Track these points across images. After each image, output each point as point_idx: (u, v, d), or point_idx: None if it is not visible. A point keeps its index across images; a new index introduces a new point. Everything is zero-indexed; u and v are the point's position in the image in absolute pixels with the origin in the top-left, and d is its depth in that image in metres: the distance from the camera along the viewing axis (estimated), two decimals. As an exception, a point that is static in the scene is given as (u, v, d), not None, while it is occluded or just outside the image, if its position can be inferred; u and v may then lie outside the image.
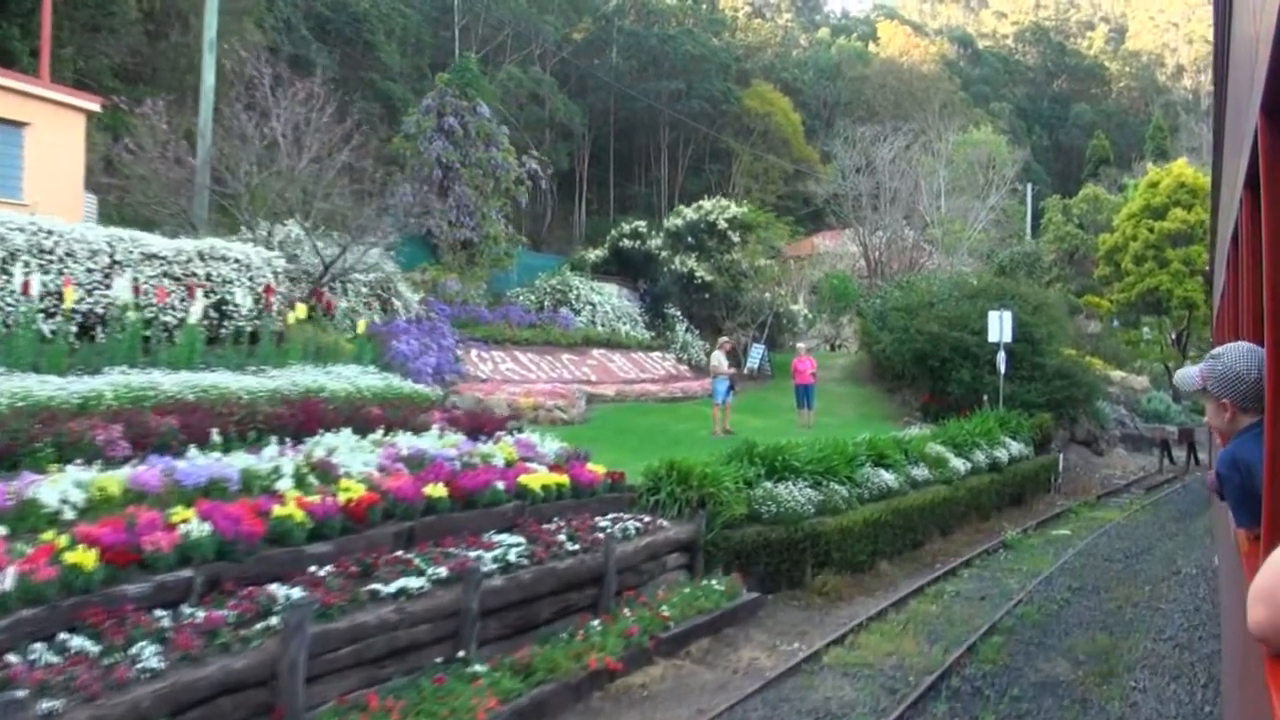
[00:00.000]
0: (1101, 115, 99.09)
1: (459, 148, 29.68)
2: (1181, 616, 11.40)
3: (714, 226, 31.10)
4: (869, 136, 42.34)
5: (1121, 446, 29.41)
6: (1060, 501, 21.05)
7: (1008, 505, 19.33)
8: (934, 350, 23.04)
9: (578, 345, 26.83)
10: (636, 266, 32.10)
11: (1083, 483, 23.69)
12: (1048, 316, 24.18)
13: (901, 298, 25.84)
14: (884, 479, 14.61)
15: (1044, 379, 22.80)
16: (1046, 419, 22.08)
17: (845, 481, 13.81)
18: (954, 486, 16.59)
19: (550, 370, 24.78)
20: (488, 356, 24.01)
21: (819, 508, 12.93)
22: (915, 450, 16.39)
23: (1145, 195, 37.97)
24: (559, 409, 20.29)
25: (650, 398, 24.05)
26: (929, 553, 15.27)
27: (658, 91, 63.02)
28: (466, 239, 29.20)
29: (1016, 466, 19.60)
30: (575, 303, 29.22)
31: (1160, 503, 20.79)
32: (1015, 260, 31.53)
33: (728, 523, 11.73)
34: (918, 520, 15.12)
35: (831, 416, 23.99)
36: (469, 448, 11.18)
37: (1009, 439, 19.96)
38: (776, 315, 31.20)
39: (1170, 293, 35.50)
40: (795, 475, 13.00)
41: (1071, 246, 41.88)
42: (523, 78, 58.40)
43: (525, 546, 9.31)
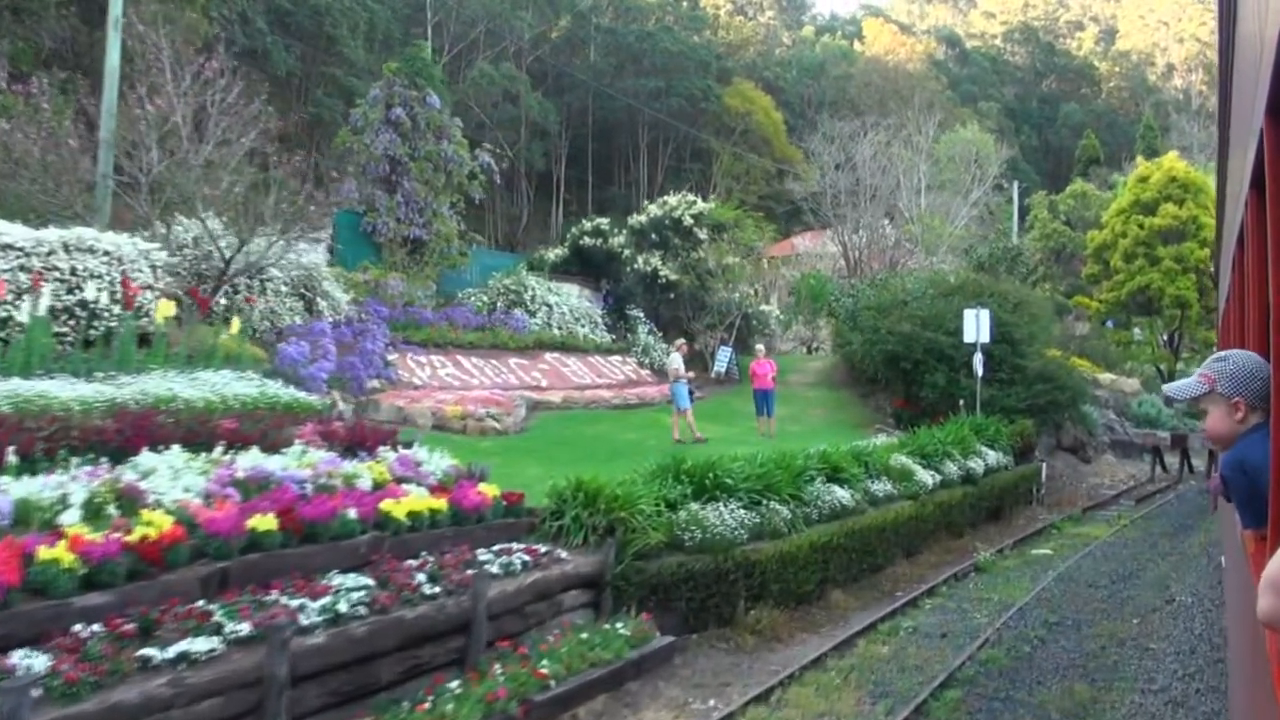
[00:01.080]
0: (1091, 115, 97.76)
1: (407, 140, 27.96)
2: (1176, 660, 9.65)
3: (679, 223, 29.38)
4: (848, 132, 40.75)
5: (1111, 453, 27.70)
6: (1042, 515, 19.32)
7: (984, 520, 17.60)
8: (906, 352, 21.31)
9: (528, 349, 25.12)
10: (599, 266, 30.37)
11: (1068, 493, 21.96)
12: (1029, 315, 22.46)
13: (874, 296, 24.09)
14: (837, 496, 12.85)
15: (1025, 382, 21.07)
16: (1027, 425, 20.33)
17: (790, 500, 12.05)
18: (921, 502, 14.85)
19: (495, 375, 23.06)
20: (426, 361, 22.33)
21: (755, 532, 11.18)
22: (877, 462, 14.63)
23: (1135, 190, 36.36)
24: (492, 417, 18.52)
25: (602, 405, 22.29)
26: (890, 578, 13.53)
27: (636, 90, 61.54)
28: (415, 237, 27.44)
29: (994, 478, 17.86)
30: (530, 304, 27.49)
31: (1152, 516, 19.06)
32: (995, 256, 29.79)
33: (642, 552, 9.97)
34: (877, 542, 13.36)
35: (798, 424, 22.28)
36: (330, 467, 9.40)
37: (985, 448, 18.23)
38: (746, 316, 29.44)
39: (1162, 291, 33.84)
40: (728, 495, 11.24)
41: (1058, 244, 40.17)
42: (495, 75, 56.73)
43: (367, 591, 7.57)
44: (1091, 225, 38.58)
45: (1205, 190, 35.53)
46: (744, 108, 63.46)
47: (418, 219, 27.64)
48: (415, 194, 27.65)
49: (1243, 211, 4.93)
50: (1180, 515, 19.22)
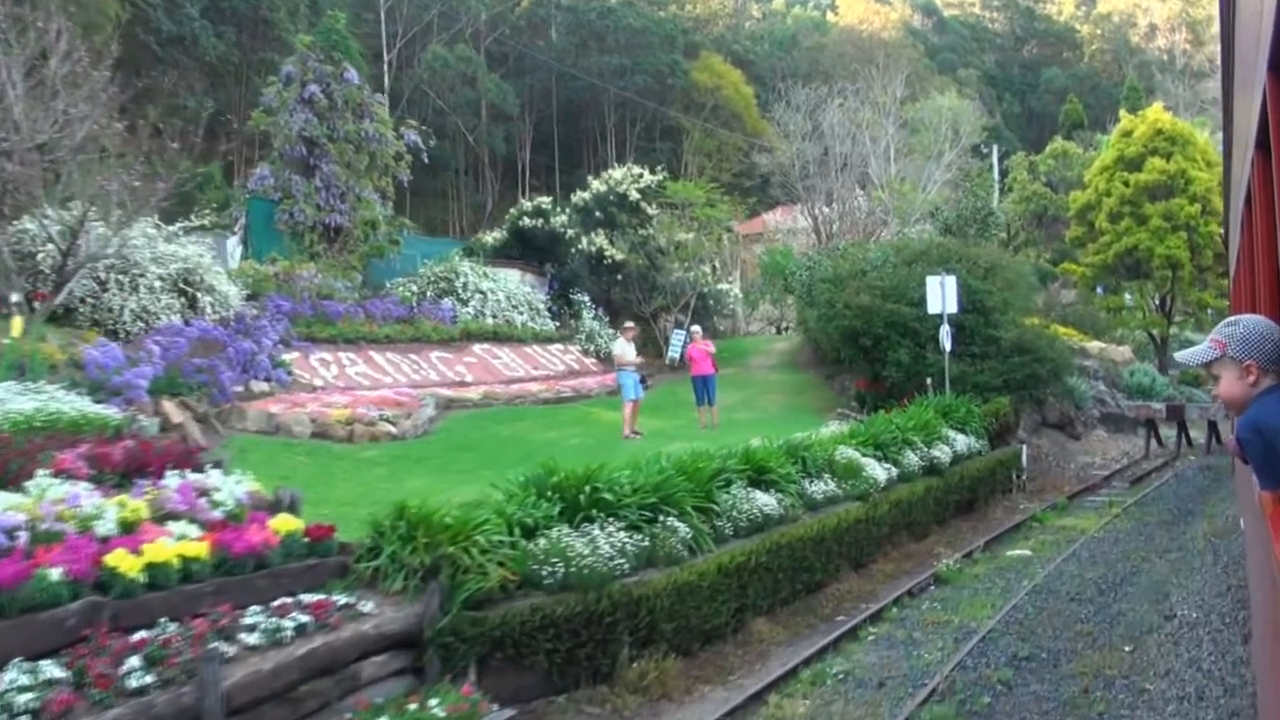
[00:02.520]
0: (1074, 79, 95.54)
1: (325, 120, 25.57)
2: (1178, 708, 7.32)
3: (625, 199, 27.03)
4: (814, 100, 38.34)
5: (1101, 428, 25.40)
6: (1023, 505, 17.01)
7: (953, 516, 15.29)
8: (865, 327, 18.95)
9: (454, 341, 22.86)
10: (541, 249, 28.08)
11: (1054, 477, 19.67)
12: (1004, 281, 20.09)
13: (830, 267, 21.70)
14: (760, 504, 10.53)
15: (999, 356, 18.74)
16: (1003, 404, 17.99)
17: (695, 514, 9.70)
18: (872, 503, 12.52)
19: (414, 372, 20.78)
20: (333, 360, 20.06)
21: (644, 558, 8.86)
22: (818, 457, 12.29)
23: (1118, 146, 33.94)
24: (387, 421, 16.20)
25: (528, 399, 19.97)
26: (832, 597, 11.22)
27: (600, 68, 59.33)
28: (336, 224, 25.10)
29: (964, 466, 15.54)
30: (462, 292, 25.19)
31: (1147, 501, 16.74)
32: (963, 218, 27.33)
33: (479, 597, 7.65)
34: (814, 555, 11.04)
35: (750, 411, 20.00)
36: (67, 507, 7.10)
37: (954, 432, 15.92)
38: (702, 296, 27.08)
39: (1151, 252, 31.44)
40: (609, 513, 8.90)
41: (1039, 207, 37.73)
42: (449, 58, 54.42)
43: (41, 691, 5.30)
44: (1074, 186, 36.16)
45: (1193, 142, 33.20)
46: (713, 83, 61.18)
47: (339, 204, 25.32)
48: (335, 177, 25.34)
49: (1249, 172, 5.01)
50: (1180, 498, 16.91)
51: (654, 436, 17.05)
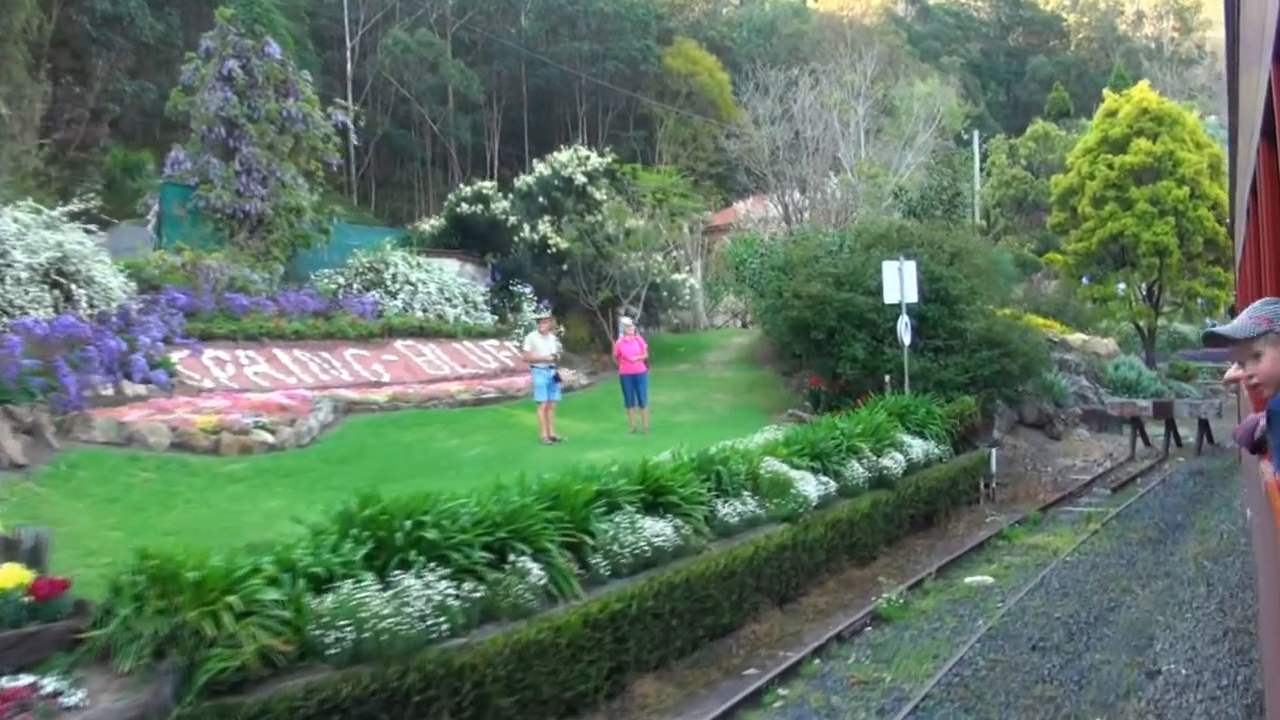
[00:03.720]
0: (1060, 67, 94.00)
1: (245, 98, 23.52)
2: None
3: (571, 183, 25.04)
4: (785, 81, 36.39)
5: (1083, 426, 23.51)
6: (991, 517, 15.09)
7: (909, 533, 13.36)
8: (817, 319, 16.98)
9: (374, 337, 20.89)
10: (483, 237, 26.09)
11: (1029, 483, 17.75)
12: (971, 267, 18.12)
13: (780, 253, 19.73)
14: (649, 535, 8.58)
15: (965, 350, 16.78)
16: (969, 404, 16.03)
17: (564, 551, 7.77)
18: (803, 524, 10.58)
19: (322, 372, 18.82)
20: (230, 358, 18.13)
21: (479, 613, 6.89)
22: (737, 472, 10.33)
23: (1102, 126, 32.09)
24: (264, 428, 14.23)
25: (446, 401, 17.99)
26: (746, 642, 9.30)
27: (571, 55, 57.34)
28: (258, 211, 23.09)
29: (920, 476, 13.61)
30: (391, 284, 23.19)
31: (1130, 513, 14.81)
32: (928, 198, 25.33)
33: (233, 679, 5.67)
34: (722, 593, 9.11)
35: (693, 412, 18.07)
36: None
37: (909, 437, 13.98)
38: (655, 288, 25.09)
39: (1137, 238, 29.60)
40: (435, 555, 6.94)
41: (1019, 192, 35.77)
42: (410, 43, 52.33)
43: None
44: (1056, 170, 34.25)
45: (1182, 122, 31.36)
46: (687, 69, 59.30)
47: (259, 190, 23.29)
48: (256, 160, 23.32)
49: (1255, 161, 5.06)
50: (1167, 509, 14.98)
51: (576, 442, 15.15)
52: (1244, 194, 7.44)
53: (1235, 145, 10.27)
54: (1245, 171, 6.84)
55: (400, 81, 53.20)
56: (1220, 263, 30.10)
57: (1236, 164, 10.11)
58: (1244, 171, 7.23)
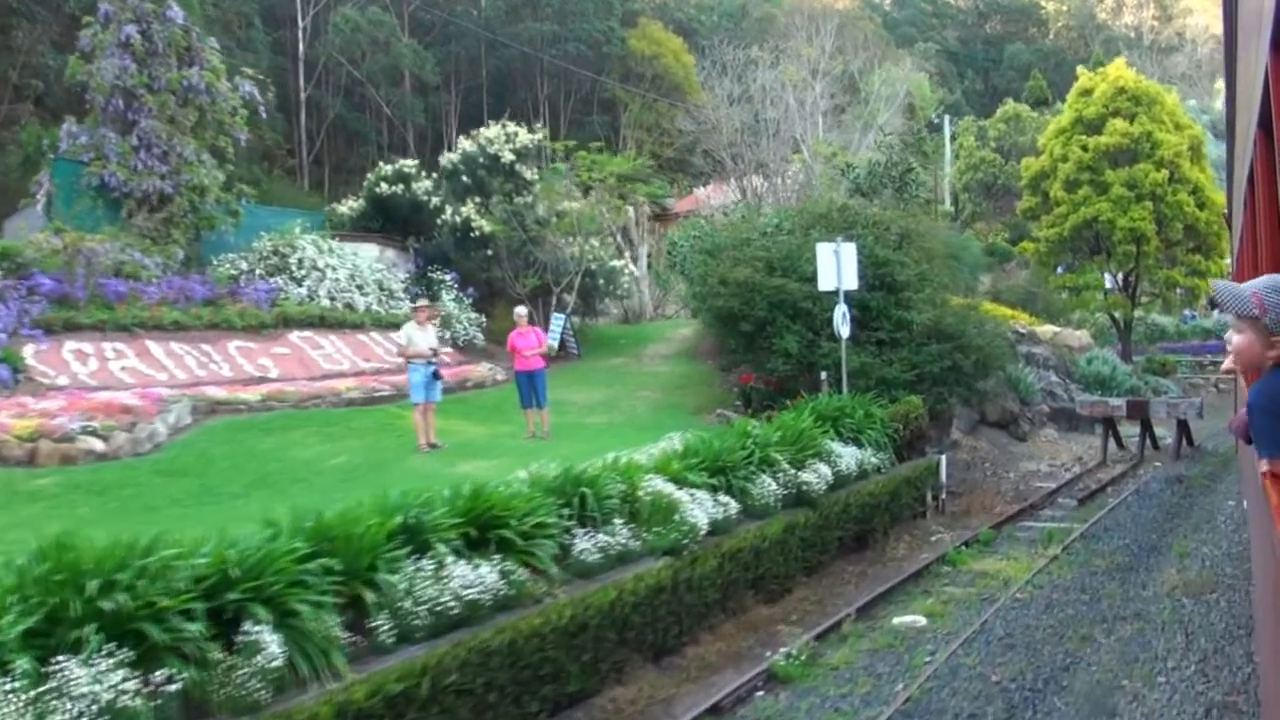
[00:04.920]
0: (1038, 55, 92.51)
1: (145, 67, 21.37)
2: None
3: (498, 160, 22.94)
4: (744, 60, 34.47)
5: (1052, 426, 21.61)
6: (938, 534, 13.11)
7: (837, 557, 11.37)
8: (745, 308, 14.92)
9: (265, 328, 18.85)
10: (405, 220, 23.96)
11: (986, 491, 15.79)
12: (922, 251, 16.10)
13: (709, 236, 17.70)
14: (462, 582, 6.53)
15: (912, 344, 14.74)
16: (914, 405, 13.99)
17: (330, 611, 5.71)
18: (688, 558, 8.54)
19: (199, 366, 16.81)
20: (94, 352, 15.99)
21: (178, 712, 4.84)
22: (608, 494, 8.30)
23: (1076, 106, 30.09)
24: (95, 434, 12.17)
25: (329, 400, 15.94)
26: (601, 714, 7.23)
27: (531, 36, 55.24)
28: (157, 189, 20.97)
29: (852, 490, 11.60)
30: (296, 270, 21.08)
31: (1097, 532, 12.83)
32: (875, 174, 23.27)
33: None
34: (566, 654, 7.08)
35: (614, 413, 16.10)
36: None
37: (840, 445, 11.96)
38: (591, 275, 23.02)
39: (1112, 224, 27.63)
40: (125, 632, 4.89)
41: (988, 176, 33.77)
42: (360, 21, 50.07)
43: None
44: (1027, 153, 32.27)
45: (1160, 102, 29.41)
46: (651, 51, 57.23)
47: (159, 167, 21.17)
48: (155, 135, 21.17)
49: (1252, 151, 5.21)
50: (1140, 526, 13.01)
51: (460, 449, 13.13)
52: (1241, 185, 7.33)
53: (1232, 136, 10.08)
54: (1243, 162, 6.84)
55: (351, 62, 51.06)
56: (1201, 250, 28.23)
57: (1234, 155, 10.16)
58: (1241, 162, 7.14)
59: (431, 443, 13.15)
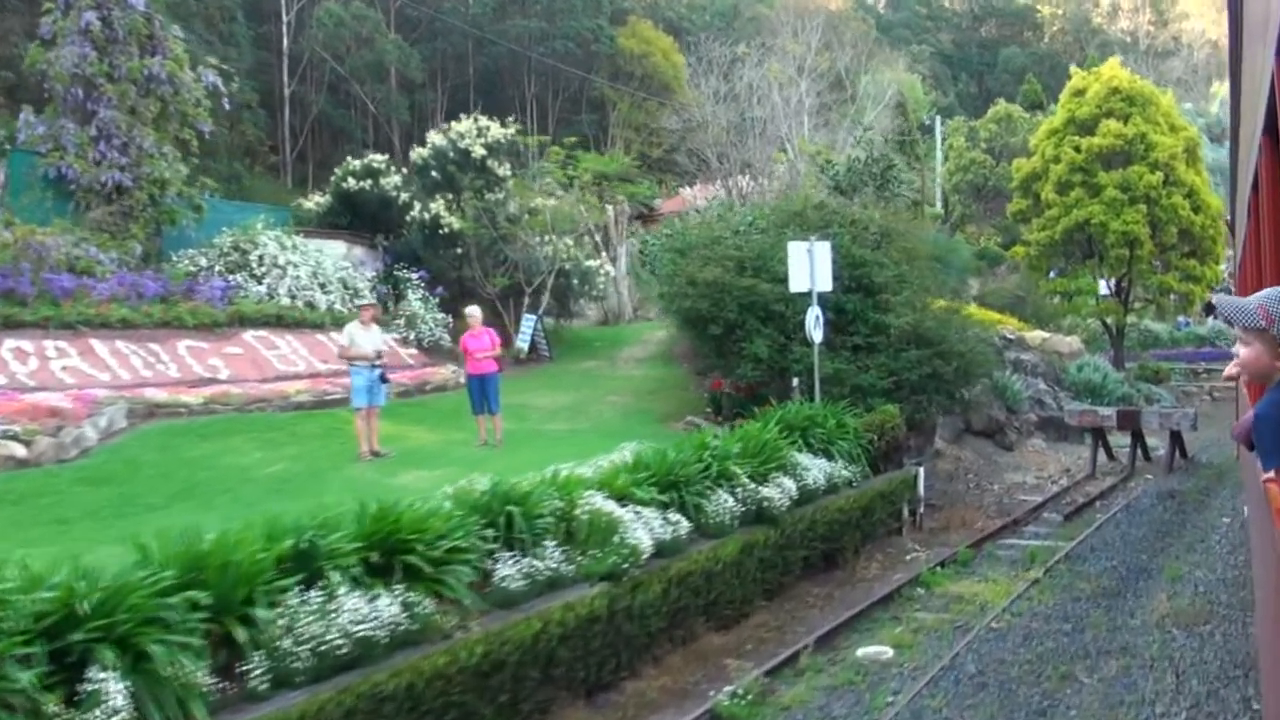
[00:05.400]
0: (1033, 59, 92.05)
1: (105, 55, 20.58)
2: None
3: (469, 156, 22.15)
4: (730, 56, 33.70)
5: (1040, 435, 20.86)
6: (914, 552, 12.32)
7: (802, 579, 10.59)
8: (714, 310, 14.12)
9: (219, 327, 18.04)
10: (373, 216, 23.12)
11: (968, 505, 15.03)
12: (902, 251, 15.31)
13: (679, 235, 16.92)
14: (349, 619, 5.70)
15: (889, 350, 13.93)
16: (891, 414, 13.18)
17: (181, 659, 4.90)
18: (628, 584, 7.76)
19: (146, 367, 16.07)
20: (34, 350, 15.20)
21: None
22: (539, 513, 7.50)
23: (1069, 106, 29.37)
24: (18, 439, 11.36)
25: (277, 404, 15.15)
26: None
27: (519, 33, 54.47)
28: (118, 182, 20.19)
29: (820, 506, 10.81)
30: (256, 267, 20.27)
31: (1084, 551, 12.04)
32: (854, 170, 22.44)
33: None
34: (477, 696, 6.32)
35: (578, 419, 15.33)
36: None
37: (809, 457, 11.17)
38: (564, 274, 22.21)
39: (1105, 227, 26.89)
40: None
41: (978, 178, 32.99)
42: (344, 15, 49.30)
43: None
44: (1019, 154, 31.51)
45: (1155, 103, 28.70)
46: (641, 50, 56.47)
47: (119, 159, 20.38)
48: (115, 126, 20.40)
49: (1256, 157, 5.11)
50: (1130, 546, 12.23)
51: (406, 457, 12.32)
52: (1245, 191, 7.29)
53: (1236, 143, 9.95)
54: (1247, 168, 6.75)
55: (335, 58, 50.33)
56: (1196, 255, 27.50)
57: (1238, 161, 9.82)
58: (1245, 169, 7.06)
59: (375, 450, 12.35)
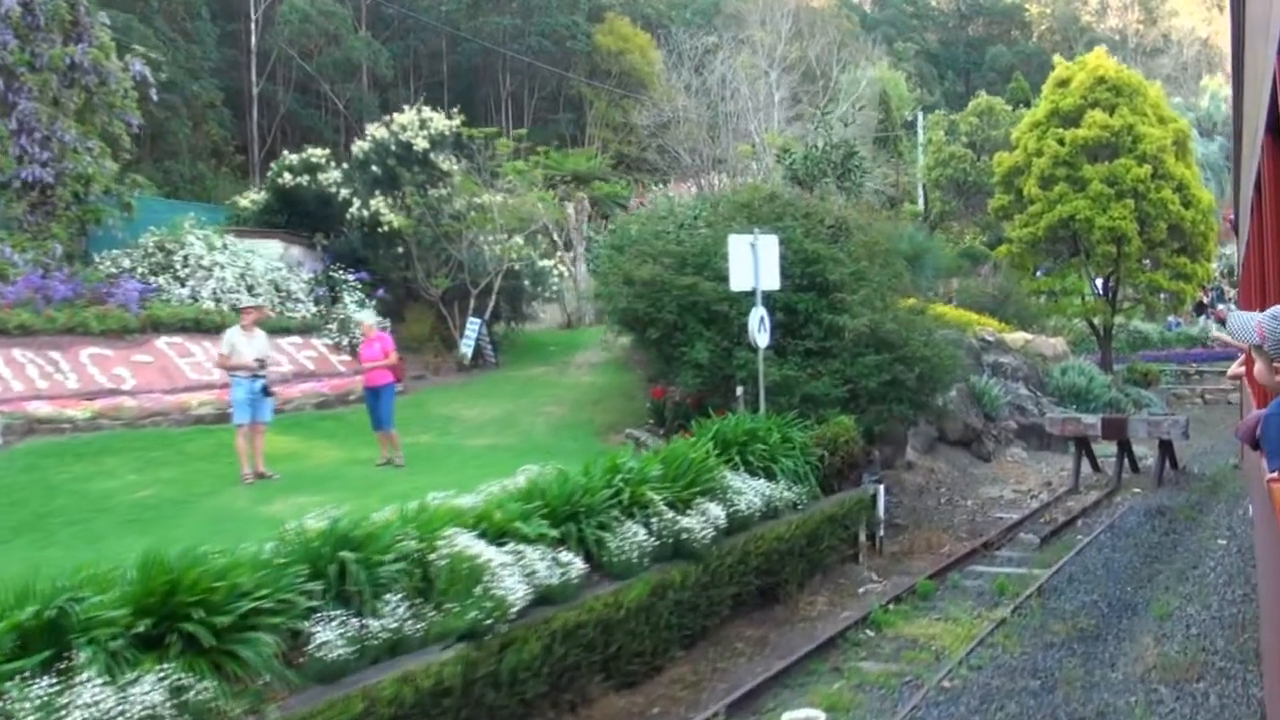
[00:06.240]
0: (1020, 58, 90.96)
1: (26, 43, 19.23)
2: None
3: (411, 149, 20.76)
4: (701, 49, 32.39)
5: (1020, 444, 19.51)
6: (870, 583, 10.93)
7: (733, 619, 9.16)
8: (652, 311, 12.69)
9: (129, 333, 16.59)
10: (311, 214, 21.70)
11: (937, 524, 13.64)
12: (862, 246, 13.89)
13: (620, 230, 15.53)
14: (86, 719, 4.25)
15: (844, 355, 12.51)
16: (845, 426, 11.73)
17: None
18: (491, 644, 6.32)
19: (42, 377, 14.76)
20: (-87, 360, 13.71)
21: None
22: (382, 560, 6.08)
23: (1053, 98, 28.07)
24: None
25: (173, 418, 13.74)
26: None
27: (492, 30, 53.24)
28: (38, 179, 18.84)
29: (755, 535, 9.40)
30: (180, 269, 18.88)
31: (1061, 581, 10.63)
32: (813, 159, 20.98)
33: None
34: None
35: (506, 433, 13.98)
36: None
37: (744, 477, 9.76)
38: (514, 275, 20.80)
39: (1090, 223, 25.56)
40: None
41: (958, 173, 31.64)
42: (310, 11, 47.93)
43: None
44: (1001, 148, 30.17)
45: (1143, 93, 27.40)
46: (618, 47, 55.23)
47: (40, 154, 19.04)
48: (35, 118, 19.03)
49: (1259, 157, 5.08)
50: (1113, 575, 10.83)
51: (294, 480, 10.91)
52: (1248, 190, 7.34)
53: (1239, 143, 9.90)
54: (1249, 168, 6.68)
55: (303, 56, 49.05)
56: (1186, 252, 26.18)
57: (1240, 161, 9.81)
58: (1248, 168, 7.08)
59: (260, 472, 10.93)
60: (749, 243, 11.46)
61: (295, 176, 21.59)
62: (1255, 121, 5.31)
